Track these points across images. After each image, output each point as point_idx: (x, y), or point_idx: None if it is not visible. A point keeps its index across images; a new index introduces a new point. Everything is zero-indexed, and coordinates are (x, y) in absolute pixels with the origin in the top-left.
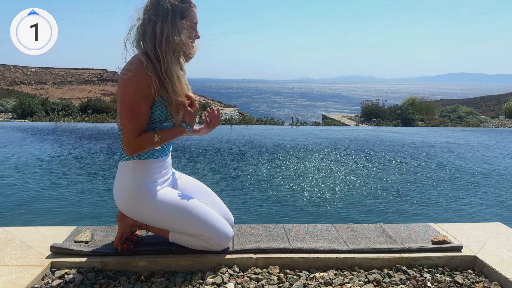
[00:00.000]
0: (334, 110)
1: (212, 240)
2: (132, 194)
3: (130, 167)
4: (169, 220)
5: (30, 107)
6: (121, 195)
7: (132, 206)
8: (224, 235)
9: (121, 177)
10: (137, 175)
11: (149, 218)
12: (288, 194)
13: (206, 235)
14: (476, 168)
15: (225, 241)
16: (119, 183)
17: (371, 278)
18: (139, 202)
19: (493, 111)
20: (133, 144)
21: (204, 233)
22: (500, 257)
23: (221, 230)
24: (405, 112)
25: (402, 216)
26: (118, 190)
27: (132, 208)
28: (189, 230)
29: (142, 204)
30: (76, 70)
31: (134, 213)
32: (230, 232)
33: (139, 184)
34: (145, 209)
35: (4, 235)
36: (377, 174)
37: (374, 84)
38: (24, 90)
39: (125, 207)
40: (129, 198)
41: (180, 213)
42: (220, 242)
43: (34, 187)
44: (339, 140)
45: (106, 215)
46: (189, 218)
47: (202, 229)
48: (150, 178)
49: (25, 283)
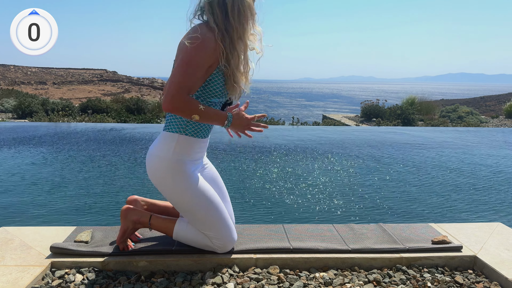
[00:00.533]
0: (332, 110)
1: (219, 240)
2: (168, 167)
3: (175, 140)
4: (191, 205)
5: (30, 107)
6: (156, 164)
7: (163, 178)
8: (232, 238)
9: (162, 146)
10: (180, 150)
11: (173, 195)
12: (289, 194)
13: (216, 233)
14: (476, 168)
15: (230, 244)
16: (158, 152)
17: (371, 278)
18: (172, 177)
19: (493, 111)
20: (177, 99)
21: (216, 230)
22: (500, 257)
23: (230, 233)
24: (405, 112)
25: (402, 216)
26: (155, 158)
27: (161, 180)
28: (204, 222)
29: (173, 179)
30: (76, 70)
31: (161, 185)
32: (235, 237)
33: (178, 159)
34: (174, 185)
35: (4, 235)
36: (377, 174)
37: (374, 84)
38: (24, 90)
39: (155, 176)
40: (163, 169)
41: (204, 203)
42: (225, 244)
43: (34, 187)
44: (340, 140)
45: (106, 215)
46: (210, 210)
47: (215, 226)
48: (190, 156)
49: (25, 283)
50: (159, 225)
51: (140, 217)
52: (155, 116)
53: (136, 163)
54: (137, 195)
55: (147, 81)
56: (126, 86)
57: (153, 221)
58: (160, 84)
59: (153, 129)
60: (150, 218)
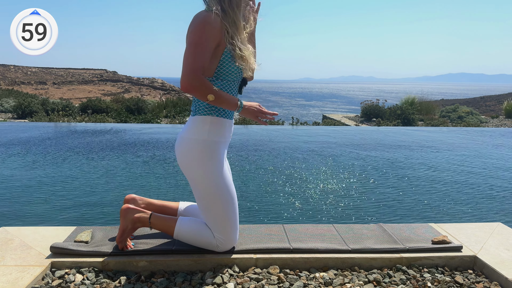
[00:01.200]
0: (329, 109)
1: (222, 236)
2: (203, 149)
3: (208, 122)
4: (211, 191)
5: (30, 107)
6: (189, 146)
7: (195, 160)
8: (235, 237)
9: (195, 129)
10: (214, 131)
11: (198, 177)
12: (289, 194)
13: (223, 229)
14: (476, 167)
15: (231, 243)
16: (192, 135)
17: (371, 278)
18: (205, 159)
19: (493, 111)
20: (192, 78)
21: (224, 225)
22: (500, 257)
23: (235, 232)
24: (405, 112)
25: (402, 216)
26: (189, 141)
27: (193, 162)
28: (217, 213)
29: (206, 162)
30: (76, 70)
31: (191, 168)
32: (237, 237)
33: (213, 140)
34: (205, 166)
35: (4, 235)
36: (377, 174)
37: (373, 84)
38: (24, 90)
39: (188, 159)
40: (197, 151)
41: (224, 193)
42: (227, 242)
43: (34, 187)
44: (339, 139)
45: (106, 215)
46: (227, 202)
47: (225, 220)
48: (224, 137)
49: (25, 283)
50: (159, 223)
51: (140, 216)
52: (155, 116)
53: (136, 163)
54: (134, 194)
55: (147, 81)
56: (126, 86)
57: (153, 219)
58: (160, 84)
59: (152, 129)
60: (150, 216)
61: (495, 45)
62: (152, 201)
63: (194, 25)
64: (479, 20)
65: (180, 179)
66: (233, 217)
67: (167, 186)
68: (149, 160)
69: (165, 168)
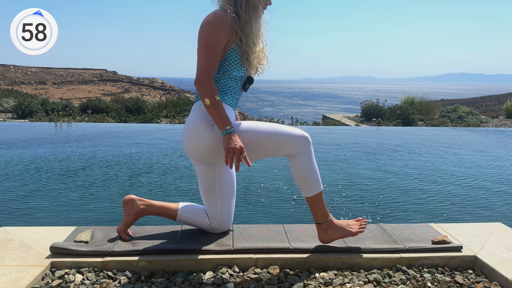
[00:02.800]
0: (326, 109)
1: (216, 219)
2: (206, 122)
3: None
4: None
5: (30, 107)
6: (196, 125)
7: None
8: (228, 223)
9: (196, 111)
10: None
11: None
12: (289, 193)
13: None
14: (476, 167)
15: (224, 226)
16: (194, 116)
17: (371, 278)
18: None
19: (493, 111)
20: (202, 77)
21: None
22: (500, 257)
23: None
24: (405, 112)
25: (402, 216)
26: (193, 122)
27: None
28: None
29: (212, 131)
30: (76, 70)
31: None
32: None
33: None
34: (213, 136)
35: (4, 235)
36: (377, 174)
37: (373, 84)
38: (24, 90)
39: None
40: (205, 124)
41: (254, 124)
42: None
43: (34, 187)
44: (339, 139)
45: (106, 215)
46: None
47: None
48: None
49: (25, 283)
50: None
51: (140, 205)
52: (155, 116)
53: (136, 163)
54: (134, 195)
55: (147, 81)
56: (126, 86)
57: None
58: (160, 84)
59: (154, 128)
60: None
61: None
62: (152, 202)
63: (207, 26)
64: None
65: (180, 179)
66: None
67: (168, 187)
68: (149, 160)
69: (166, 168)
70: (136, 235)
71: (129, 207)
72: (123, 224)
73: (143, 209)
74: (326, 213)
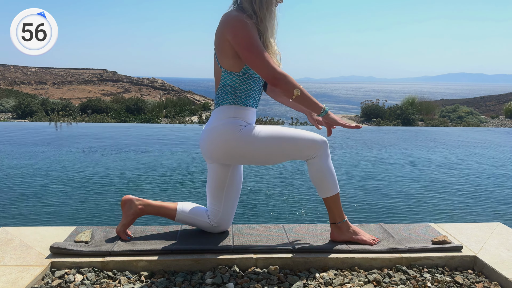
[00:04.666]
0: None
1: (217, 217)
2: (233, 124)
3: (232, 109)
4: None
5: (30, 107)
6: (219, 130)
7: (229, 139)
8: (227, 223)
9: (220, 116)
10: (239, 116)
11: (244, 148)
12: (289, 193)
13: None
14: (476, 167)
15: (223, 226)
16: (218, 121)
17: (371, 278)
18: (236, 129)
19: (493, 111)
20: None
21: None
22: (500, 257)
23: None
24: (405, 112)
25: (402, 216)
26: (216, 128)
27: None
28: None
29: (237, 130)
30: (76, 70)
31: (229, 147)
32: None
33: (239, 121)
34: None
35: (4, 235)
36: (377, 174)
37: (373, 84)
38: (24, 90)
39: (220, 141)
40: (229, 129)
41: (275, 129)
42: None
43: (34, 187)
44: (339, 139)
45: (106, 215)
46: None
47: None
48: (248, 121)
49: (25, 283)
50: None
51: (138, 204)
52: (155, 116)
53: (136, 163)
54: (132, 195)
55: (147, 81)
56: (126, 86)
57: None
58: (160, 84)
59: (154, 128)
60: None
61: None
62: (150, 202)
63: (241, 29)
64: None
65: (180, 179)
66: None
67: (166, 187)
68: (149, 160)
69: (166, 169)
70: (136, 235)
71: (127, 207)
72: (122, 224)
73: (141, 209)
74: (342, 214)
